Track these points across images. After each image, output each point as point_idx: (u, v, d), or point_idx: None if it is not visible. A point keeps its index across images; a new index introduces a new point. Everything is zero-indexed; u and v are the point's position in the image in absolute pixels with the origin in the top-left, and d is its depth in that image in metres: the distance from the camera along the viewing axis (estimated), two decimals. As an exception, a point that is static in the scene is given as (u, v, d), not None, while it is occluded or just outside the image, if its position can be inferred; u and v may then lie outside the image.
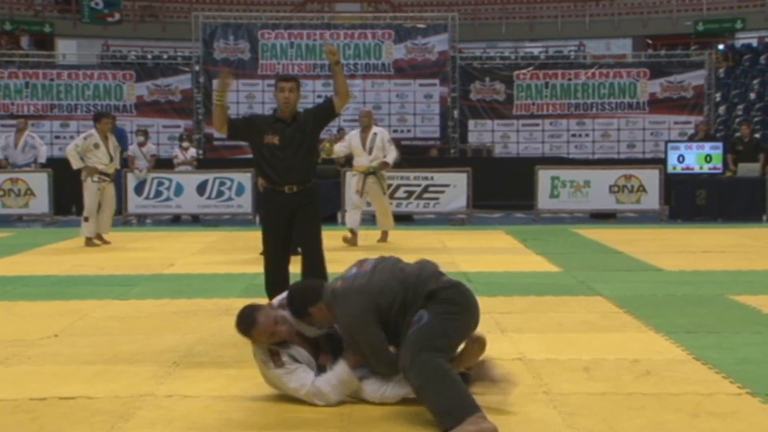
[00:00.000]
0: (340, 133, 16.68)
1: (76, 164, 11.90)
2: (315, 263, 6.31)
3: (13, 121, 17.73)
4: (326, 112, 6.58)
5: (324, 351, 4.63)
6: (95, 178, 11.84)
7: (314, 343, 4.64)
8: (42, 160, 16.56)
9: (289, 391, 4.51)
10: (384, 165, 11.94)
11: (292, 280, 5.98)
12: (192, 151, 17.20)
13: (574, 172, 16.38)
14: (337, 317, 4.42)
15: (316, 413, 4.36)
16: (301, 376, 4.49)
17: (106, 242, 12.09)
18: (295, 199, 6.37)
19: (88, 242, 11.90)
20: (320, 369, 4.56)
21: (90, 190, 11.89)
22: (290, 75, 6.94)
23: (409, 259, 4.71)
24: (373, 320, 4.35)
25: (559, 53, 25.93)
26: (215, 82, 6.79)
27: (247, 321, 4.55)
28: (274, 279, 6.33)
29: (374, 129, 12.11)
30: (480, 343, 4.52)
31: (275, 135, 6.34)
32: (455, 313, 4.33)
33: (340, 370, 4.48)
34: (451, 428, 4.02)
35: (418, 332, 4.25)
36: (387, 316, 4.36)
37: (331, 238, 9.05)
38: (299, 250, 6.73)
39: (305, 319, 4.52)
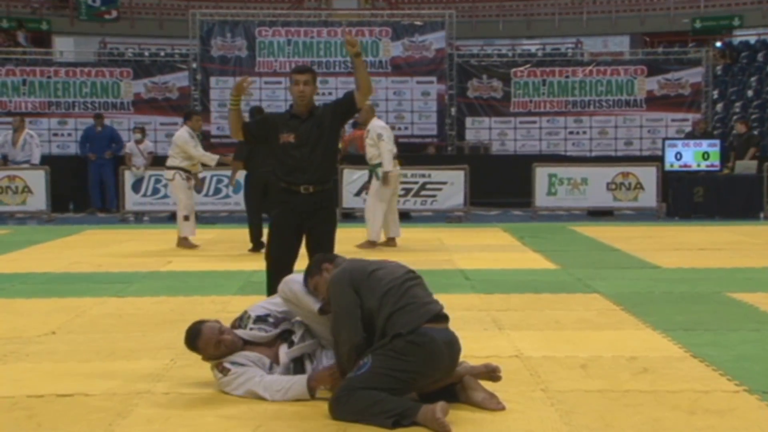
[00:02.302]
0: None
1: (213, 160, 11.47)
2: None
3: (11, 119, 17.70)
4: (346, 106, 6.18)
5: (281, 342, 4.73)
6: (184, 176, 11.34)
7: (271, 344, 4.74)
8: (35, 161, 16.53)
9: (245, 395, 4.56)
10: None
11: None
12: (189, 149, 17.16)
13: (572, 170, 16.39)
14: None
15: (315, 412, 4.36)
16: (246, 381, 4.56)
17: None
18: (311, 200, 6.00)
19: (184, 242, 11.30)
20: (273, 366, 4.67)
21: (182, 187, 11.36)
22: (305, 66, 6.41)
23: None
24: (350, 288, 4.32)
25: (557, 50, 25.91)
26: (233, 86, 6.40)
27: (191, 333, 4.72)
28: (277, 281, 5.84)
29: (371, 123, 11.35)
30: (492, 373, 4.52)
31: (290, 132, 5.98)
32: (400, 369, 4.16)
33: (297, 385, 4.51)
34: (411, 422, 4.06)
35: (354, 378, 4.20)
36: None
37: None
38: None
39: (315, 278, 4.57)
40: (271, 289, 5.97)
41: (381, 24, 20.35)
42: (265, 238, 10.81)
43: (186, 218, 11.36)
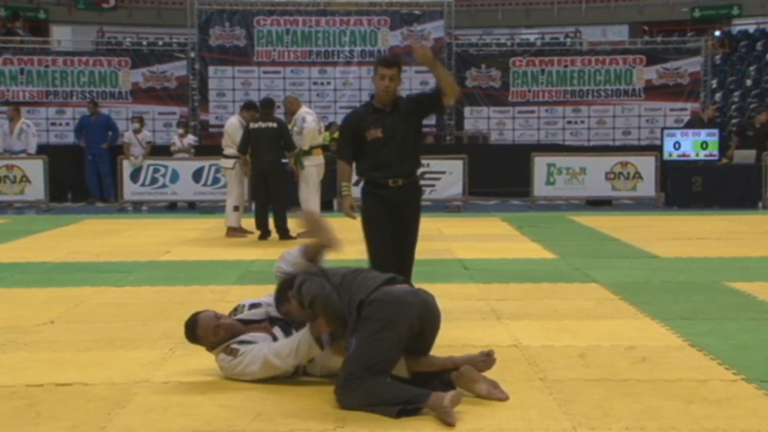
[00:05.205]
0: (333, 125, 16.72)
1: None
2: (405, 267, 5.83)
3: (7, 108, 17.69)
4: (431, 103, 6.14)
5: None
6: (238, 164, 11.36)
7: (268, 328, 4.78)
8: (32, 150, 16.51)
9: (257, 375, 4.60)
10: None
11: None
12: (190, 138, 17.16)
13: (570, 159, 16.40)
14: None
15: (314, 401, 4.37)
16: (257, 352, 4.60)
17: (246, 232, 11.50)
18: (400, 193, 5.91)
19: (233, 232, 11.37)
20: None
21: (238, 177, 11.46)
22: (392, 59, 6.29)
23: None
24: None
25: (555, 40, 25.87)
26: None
27: (190, 324, 4.76)
28: (381, 268, 5.31)
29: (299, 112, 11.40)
30: (488, 357, 4.53)
31: (377, 128, 5.88)
32: (378, 330, 4.23)
33: (303, 340, 4.54)
34: (418, 408, 4.09)
35: (348, 361, 4.26)
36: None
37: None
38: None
39: (285, 306, 4.66)
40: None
41: (379, 13, 20.32)
42: (272, 226, 11.01)
43: (236, 209, 11.48)
